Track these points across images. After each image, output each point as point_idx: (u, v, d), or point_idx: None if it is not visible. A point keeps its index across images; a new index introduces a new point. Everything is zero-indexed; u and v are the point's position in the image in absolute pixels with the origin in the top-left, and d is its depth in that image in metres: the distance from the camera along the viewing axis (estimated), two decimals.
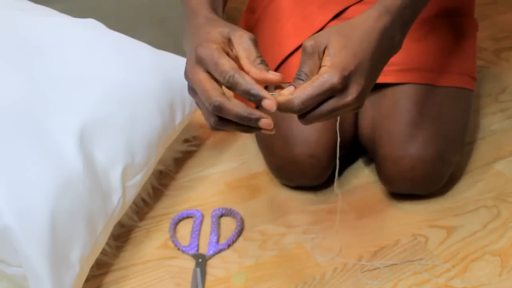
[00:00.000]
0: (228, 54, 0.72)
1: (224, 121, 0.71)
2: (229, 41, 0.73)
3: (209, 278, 0.99)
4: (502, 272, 0.98)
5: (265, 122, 0.69)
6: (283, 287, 0.97)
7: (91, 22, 1.11)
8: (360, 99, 0.73)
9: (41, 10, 1.12)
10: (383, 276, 0.98)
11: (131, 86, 1.03)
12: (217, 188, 1.17)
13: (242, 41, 0.72)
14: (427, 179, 1.07)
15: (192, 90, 0.74)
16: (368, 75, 0.74)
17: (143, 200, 1.12)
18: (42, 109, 0.93)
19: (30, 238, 0.82)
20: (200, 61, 0.71)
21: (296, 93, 0.70)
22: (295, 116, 0.73)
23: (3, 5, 1.09)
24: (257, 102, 0.69)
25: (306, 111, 0.71)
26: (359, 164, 1.21)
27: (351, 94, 0.72)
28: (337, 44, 0.72)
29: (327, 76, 0.70)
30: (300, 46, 1.11)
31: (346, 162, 1.20)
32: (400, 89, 1.09)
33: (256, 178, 1.19)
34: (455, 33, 1.14)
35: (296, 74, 0.72)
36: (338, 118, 0.85)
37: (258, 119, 0.69)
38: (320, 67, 0.72)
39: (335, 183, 0.98)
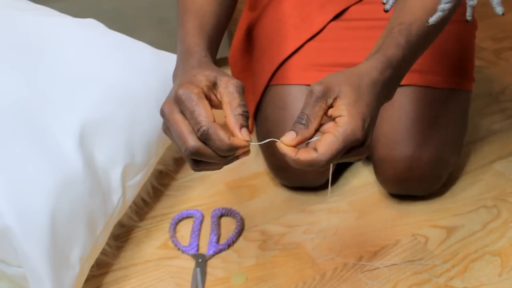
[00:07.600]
0: (210, 99, 0.70)
1: (201, 163, 0.70)
2: (214, 86, 0.71)
3: (209, 278, 0.99)
4: (502, 272, 0.98)
5: (243, 154, 0.69)
6: (283, 287, 0.97)
7: (91, 22, 1.11)
8: (369, 150, 0.72)
9: (41, 10, 1.12)
10: (383, 276, 0.98)
11: (131, 86, 1.03)
12: (217, 188, 1.17)
13: (227, 86, 0.70)
14: (424, 181, 1.07)
15: (166, 129, 0.72)
16: (374, 125, 0.73)
17: (143, 200, 1.12)
18: (42, 109, 0.93)
19: (30, 238, 0.82)
20: (178, 102, 0.69)
21: (322, 150, 0.67)
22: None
23: (3, 5, 1.09)
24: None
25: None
26: (359, 164, 1.21)
27: (368, 146, 0.70)
28: (351, 94, 0.70)
29: (351, 128, 0.67)
30: (299, 48, 1.11)
31: (346, 163, 1.20)
32: (397, 91, 1.08)
33: (256, 178, 1.19)
34: (454, 34, 1.14)
35: (298, 117, 0.69)
36: None
37: (235, 156, 0.69)
38: (325, 113, 0.70)
39: (329, 191, 0.98)
